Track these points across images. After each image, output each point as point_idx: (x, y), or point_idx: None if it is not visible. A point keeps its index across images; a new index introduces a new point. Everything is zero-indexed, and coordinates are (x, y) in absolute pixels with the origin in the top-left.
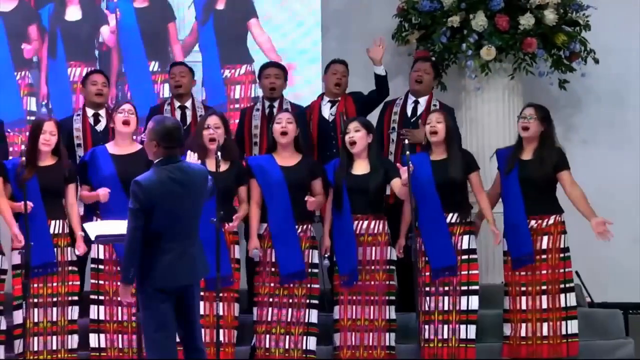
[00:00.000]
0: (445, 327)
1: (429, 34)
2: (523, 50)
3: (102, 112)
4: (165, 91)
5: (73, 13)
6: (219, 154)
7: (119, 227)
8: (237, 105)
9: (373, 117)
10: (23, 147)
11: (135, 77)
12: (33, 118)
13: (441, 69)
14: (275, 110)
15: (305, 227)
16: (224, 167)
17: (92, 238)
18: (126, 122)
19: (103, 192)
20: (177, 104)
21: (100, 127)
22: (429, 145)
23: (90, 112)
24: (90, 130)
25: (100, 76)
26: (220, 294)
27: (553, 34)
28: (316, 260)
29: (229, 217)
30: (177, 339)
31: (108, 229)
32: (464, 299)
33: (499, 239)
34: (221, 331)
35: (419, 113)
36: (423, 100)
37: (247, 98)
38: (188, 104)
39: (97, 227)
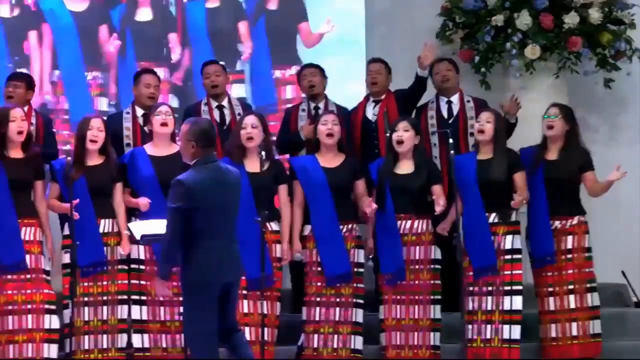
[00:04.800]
0: (488, 327)
1: (473, 33)
2: (568, 49)
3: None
4: (234, 91)
5: (144, 14)
6: (263, 153)
7: (163, 226)
8: (288, 106)
9: None
10: (69, 146)
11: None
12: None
13: (485, 68)
14: (320, 110)
15: (350, 226)
16: (262, 167)
17: (138, 238)
18: (164, 124)
19: (144, 202)
20: (214, 103)
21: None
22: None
23: (139, 111)
24: (140, 131)
25: (153, 77)
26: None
27: (598, 33)
28: (362, 260)
29: (271, 216)
30: None
31: (153, 229)
32: (507, 299)
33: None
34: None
35: (455, 112)
36: (455, 99)
37: (298, 98)
38: (225, 102)
39: (142, 227)
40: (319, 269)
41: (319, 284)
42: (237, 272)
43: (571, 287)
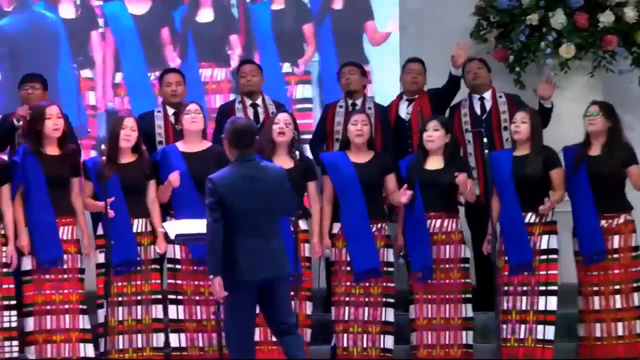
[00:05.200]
0: (522, 326)
1: (508, 32)
2: (603, 48)
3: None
4: (299, 91)
5: (205, 15)
6: (297, 153)
7: (198, 226)
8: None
9: None
10: (103, 146)
11: (268, 78)
12: None
13: (519, 67)
14: (358, 107)
15: (379, 225)
16: (291, 163)
17: (172, 237)
18: (194, 122)
19: (174, 177)
20: (248, 102)
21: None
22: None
23: (170, 110)
24: (172, 129)
25: (176, 75)
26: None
27: (633, 31)
28: (391, 259)
29: (302, 214)
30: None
31: (188, 228)
32: (542, 299)
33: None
34: None
35: (487, 108)
36: (488, 95)
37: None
38: (259, 101)
39: (176, 226)
40: (348, 268)
41: (347, 283)
42: (277, 269)
43: (617, 287)
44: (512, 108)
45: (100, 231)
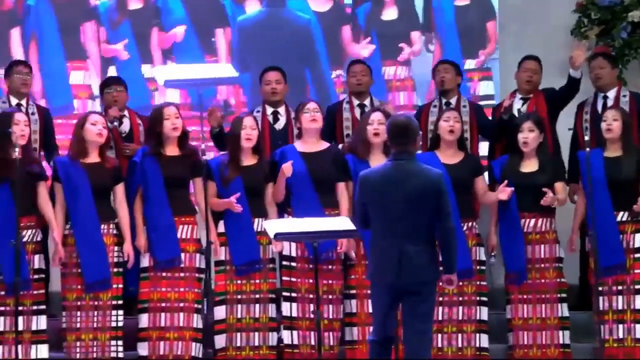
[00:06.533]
0: (620, 326)
1: (609, 29)
2: None
3: (282, 109)
4: (483, 88)
5: (390, 13)
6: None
7: (301, 225)
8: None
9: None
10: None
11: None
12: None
13: (621, 64)
14: (452, 106)
15: (470, 224)
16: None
17: (271, 236)
18: (314, 120)
19: (287, 166)
20: (355, 102)
21: (279, 125)
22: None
23: (269, 109)
24: (269, 129)
25: (276, 73)
26: None
27: None
28: (483, 258)
29: None
30: None
31: (288, 227)
32: (638, 297)
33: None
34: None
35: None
36: (612, 94)
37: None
38: (367, 102)
39: (276, 225)
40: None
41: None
42: (408, 276)
43: None
44: (633, 107)
45: (221, 228)
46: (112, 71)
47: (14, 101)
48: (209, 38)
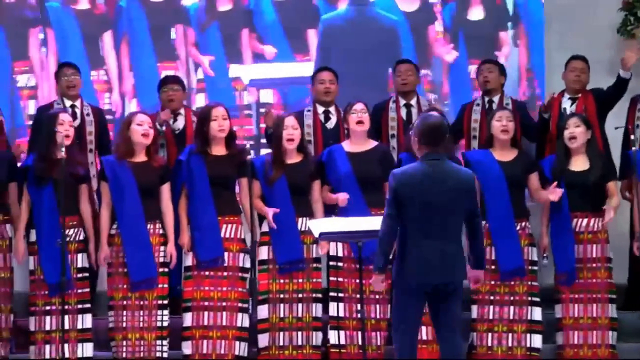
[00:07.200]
0: None
1: None
2: None
3: (332, 109)
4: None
5: (476, 13)
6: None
7: (345, 224)
8: None
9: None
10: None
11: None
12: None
13: None
14: (495, 105)
15: (523, 224)
16: None
17: (316, 235)
18: (360, 122)
19: (342, 197)
20: (402, 101)
21: (330, 124)
22: None
23: (320, 109)
24: (320, 128)
25: (329, 74)
26: None
27: None
28: (535, 258)
29: None
30: None
31: (333, 226)
32: None
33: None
34: None
35: None
36: None
37: None
38: (413, 101)
39: (321, 224)
40: (493, 267)
41: (492, 282)
42: (450, 274)
43: None
44: None
45: (265, 228)
46: (199, 73)
47: (67, 103)
48: (301, 39)
